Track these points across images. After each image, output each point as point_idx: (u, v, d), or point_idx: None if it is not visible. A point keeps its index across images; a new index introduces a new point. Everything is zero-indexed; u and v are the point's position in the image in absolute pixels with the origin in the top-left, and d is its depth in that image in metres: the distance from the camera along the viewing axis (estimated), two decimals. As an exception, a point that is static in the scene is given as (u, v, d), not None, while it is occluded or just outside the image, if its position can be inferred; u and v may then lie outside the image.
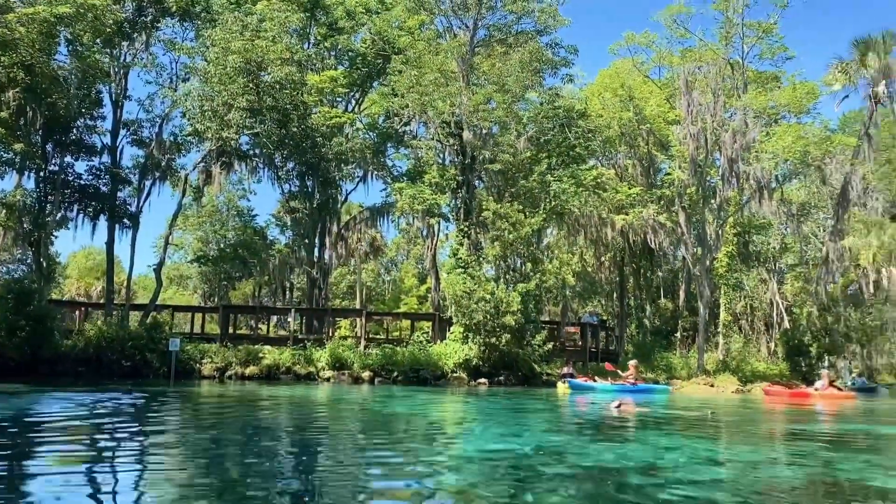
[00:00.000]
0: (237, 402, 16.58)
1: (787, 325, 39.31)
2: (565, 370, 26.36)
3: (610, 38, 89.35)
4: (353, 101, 35.87)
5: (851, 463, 9.06)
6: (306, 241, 34.89)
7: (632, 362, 24.78)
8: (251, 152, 32.76)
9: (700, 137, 32.88)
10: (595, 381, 24.00)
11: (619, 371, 25.65)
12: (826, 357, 38.94)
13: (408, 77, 28.47)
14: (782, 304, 41.26)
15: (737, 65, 36.96)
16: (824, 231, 41.16)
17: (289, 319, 32.17)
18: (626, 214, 34.57)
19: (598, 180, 32.83)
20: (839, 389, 26.47)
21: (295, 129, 30.14)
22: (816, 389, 25.33)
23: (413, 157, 33.64)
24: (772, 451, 10.44)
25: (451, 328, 27.77)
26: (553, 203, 30.42)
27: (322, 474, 7.16)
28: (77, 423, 11.06)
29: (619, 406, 16.03)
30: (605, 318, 42.79)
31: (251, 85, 28.79)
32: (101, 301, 36.05)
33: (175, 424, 11.80)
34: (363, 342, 29.05)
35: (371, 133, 34.05)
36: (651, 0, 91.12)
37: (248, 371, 25.15)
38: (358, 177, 35.35)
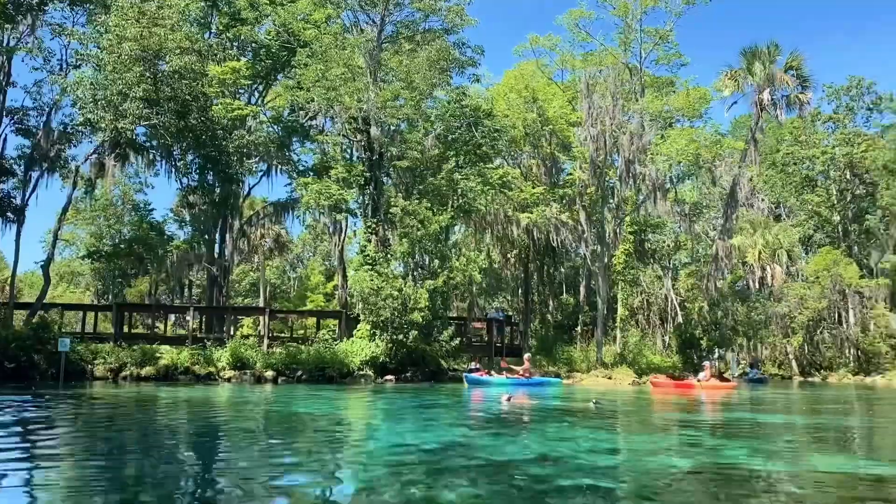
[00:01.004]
0: (132, 403, 15.89)
1: (680, 319, 41.25)
2: (472, 365, 26.75)
3: (515, 40, 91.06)
4: (257, 94, 34.96)
5: (734, 450, 9.63)
6: (206, 236, 33.79)
7: (526, 356, 25.36)
8: (148, 144, 31.38)
9: (600, 139, 34.05)
10: (491, 375, 24.45)
11: (513, 366, 26.23)
12: (716, 349, 41.19)
13: (313, 71, 28.02)
14: (676, 299, 43.25)
15: (635, 69, 38.45)
16: (714, 230, 43.49)
17: (188, 318, 31.04)
18: (531, 213, 35.38)
19: (504, 179, 33.39)
20: (727, 380, 28.04)
21: (194, 121, 29.09)
22: (699, 380, 26.80)
23: (319, 152, 33.17)
24: (661, 439, 10.96)
25: (359, 325, 27.59)
26: (461, 201, 30.74)
27: (222, 477, 6.98)
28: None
29: (508, 399, 16.56)
30: (510, 313, 43.64)
31: (148, 74, 27.55)
32: (-19, 300, 33.60)
33: (64, 428, 11.19)
34: (266, 341, 28.41)
35: (275, 126, 33.31)
36: (556, 3, 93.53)
37: (144, 372, 24.10)
38: (261, 171, 34.54)
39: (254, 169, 34.13)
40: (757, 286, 41.84)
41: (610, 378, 31.88)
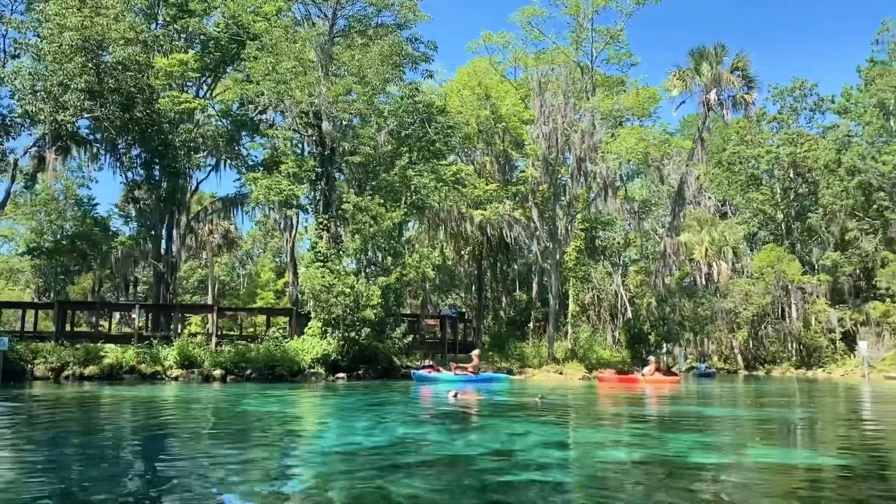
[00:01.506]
0: (74, 403, 15.40)
1: (630, 314, 41.94)
2: (426, 362, 26.72)
3: (469, 36, 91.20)
4: (205, 87, 34.22)
5: (680, 442, 9.79)
6: (152, 232, 32.97)
7: (474, 353, 25.39)
8: (91, 137, 30.43)
9: (552, 137, 34.31)
10: (440, 371, 24.44)
11: (462, 364, 26.25)
12: (664, 344, 42.03)
13: (263, 64, 27.53)
14: (626, 295, 43.96)
15: (586, 68, 38.84)
16: (663, 227, 44.31)
17: (133, 316, 30.23)
18: (484, 210, 35.50)
19: (458, 176, 33.41)
20: (673, 374, 28.57)
21: (140, 114, 28.33)
22: (643, 375, 27.35)
23: (269, 147, 32.66)
24: (609, 433, 11.08)
25: (310, 323, 27.26)
26: (414, 197, 30.61)
27: (166, 477, 6.76)
28: None
29: (455, 395, 16.62)
30: (463, 310, 43.75)
31: (90, 65, 26.69)
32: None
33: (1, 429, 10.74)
34: (215, 339, 27.86)
35: (224, 120, 32.65)
36: (509, 1, 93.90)
37: (87, 371, 23.37)
38: (210, 166, 33.85)
39: (202, 163, 33.45)
40: (703, 282, 42.76)
41: (561, 373, 32.20)
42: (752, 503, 5.89)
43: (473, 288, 44.34)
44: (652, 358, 30.06)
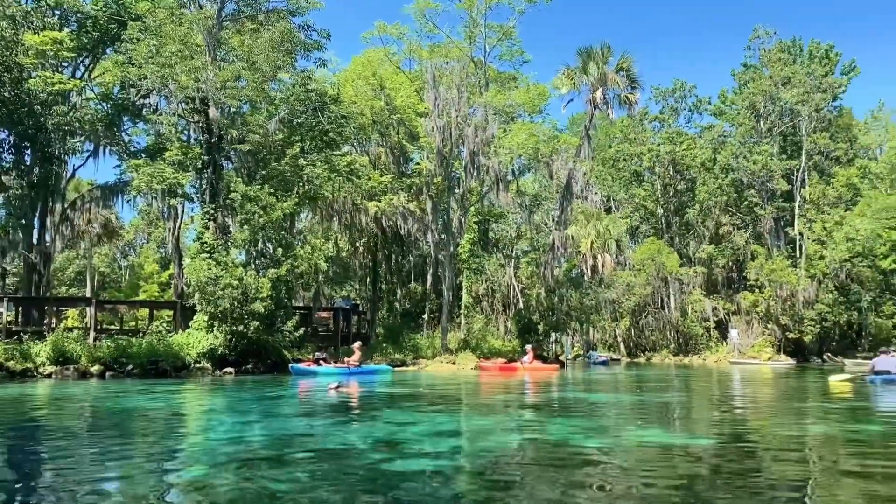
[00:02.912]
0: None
1: (521, 305, 43.06)
2: (318, 355, 26.38)
3: (364, 26, 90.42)
4: (83, 68, 32.24)
5: (562, 427, 10.21)
6: (23, 221, 30.80)
7: (356, 345, 25.27)
8: (-50, 118, 28.11)
9: (446, 130, 34.67)
10: (320, 365, 24.24)
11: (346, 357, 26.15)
12: (552, 333, 43.43)
13: (146, 46, 26.28)
14: (518, 286, 45.07)
15: (480, 63, 39.43)
16: (552, 221, 45.71)
17: (0, 310, 28.19)
18: (379, 201, 35.41)
19: (352, 167, 33.11)
20: (560, 362, 29.65)
21: (7, 94, 26.39)
22: (522, 363, 28.30)
23: (153, 133, 31.21)
24: (494, 421, 11.40)
25: (195, 316, 26.36)
26: (306, 187, 30.09)
27: (39, 479, 6.43)
28: None
29: (336, 387, 16.64)
30: (357, 302, 43.51)
31: (-51, 39, 24.65)
32: None
33: None
34: (93, 333, 26.44)
35: (104, 104, 30.94)
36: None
37: (-55, 371, 21.66)
38: (88, 151, 31.98)
39: (79, 149, 31.58)
40: (589, 274, 44.51)
41: (454, 363, 32.69)
42: (632, 483, 6.21)
43: (368, 280, 44.19)
44: (529, 347, 31.07)
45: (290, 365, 23.67)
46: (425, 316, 38.82)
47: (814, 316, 48.01)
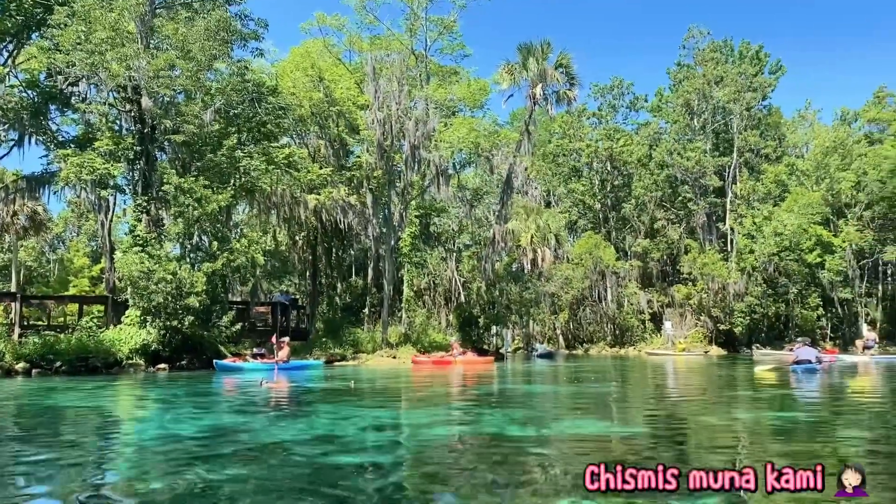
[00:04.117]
0: None
1: (463, 298, 43.31)
2: (256, 350, 26.03)
3: (302, 16, 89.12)
4: (6, 53, 30.81)
5: (499, 418, 10.34)
6: (-59, 213, 29.38)
7: (282, 340, 25.00)
8: None
9: (386, 123, 34.52)
10: (247, 360, 23.97)
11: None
12: (493, 326, 43.85)
13: (74, 32, 25.29)
14: (459, 279, 45.31)
15: (421, 56, 39.36)
16: (493, 215, 46.08)
17: (-83, 307, 26.88)
18: (318, 194, 35.02)
19: (291, 159, 32.64)
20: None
21: (-78, 79, 25.04)
22: (454, 356, 28.66)
23: (83, 122, 30.08)
24: (430, 413, 11.48)
25: (128, 311, 25.62)
26: (243, 180, 29.52)
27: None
28: None
29: (264, 383, 16.58)
30: (297, 296, 43.01)
31: None
32: None
33: None
34: (18, 329, 25.45)
35: (30, 91, 29.65)
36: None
37: None
38: (12, 140, 30.58)
39: (3, 138, 30.15)
40: (529, 267, 45.10)
41: (395, 357, 32.67)
42: (570, 472, 6.32)
43: (308, 274, 43.69)
44: (453, 340, 31.42)
45: (215, 361, 23.19)
46: (366, 310, 38.65)
47: (743, 308, 49.82)
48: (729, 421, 10.24)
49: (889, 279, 57.10)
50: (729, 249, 53.19)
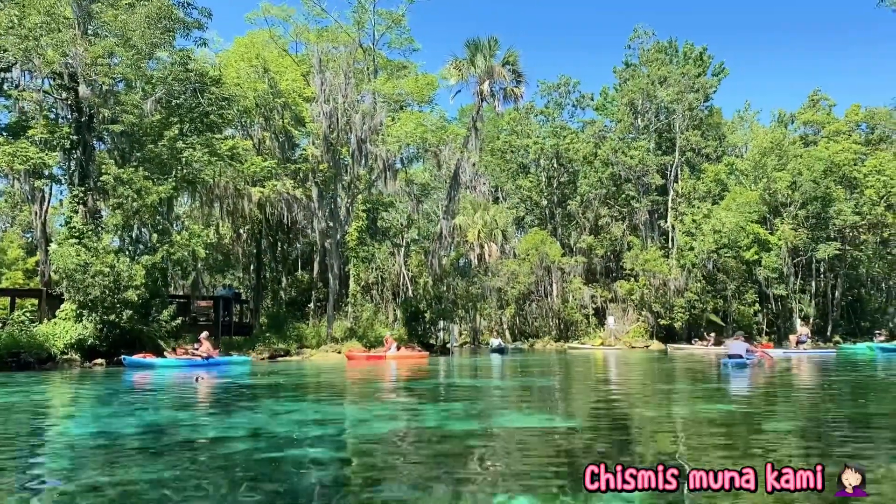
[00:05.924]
0: None
1: (411, 293, 43.33)
2: (196, 346, 25.51)
3: (248, 6, 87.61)
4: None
5: (441, 412, 10.46)
6: None
7: (202, 336, 24.57)
8: None
9: (333, 116, 34.29)
10: (165, 356, 23.48)
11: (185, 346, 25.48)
12: (439, 321, 44.00)
13: (6, 16, 24.37)
14: (407, 274, 45.31)
15: (369, 50, 39.17)
16: (441, 210, 46.22)
17: None
18: (263, 187, 34.56)
19: (234, 151, 32.10)
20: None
21: None
22: (388, 352, 28.87)
23: (16, 110, 29.03)
24: (371, 408, 11.53)
25: (63, 305, 24.88)
26: (185, 171, 28.92)
27: None
28: None
29: (198, 379, 16.53)
30: (240, 291, 42.37)
31: None
32: None
33: None
34: (-55, 324, 24.46)
35: (-41, 77, 28.46)
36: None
37: None
38: (-60, 128, 29.34)
39: (-71, 125, 28.90)
40: (476, 262, 45.42)
41: (339, 353, 32.51)
42: (512, 464, 6.45)
43: (252, 268, 43.11)
44: (388, 335, 31.58)
45: (123, 357, 22.51)
46: (311, 305, 38.34)
47: (683, 304, 51.16)
48: (664, 412, 10.57)
49: (821, 276, 59.38)
50: (670, 246, 54.50)
